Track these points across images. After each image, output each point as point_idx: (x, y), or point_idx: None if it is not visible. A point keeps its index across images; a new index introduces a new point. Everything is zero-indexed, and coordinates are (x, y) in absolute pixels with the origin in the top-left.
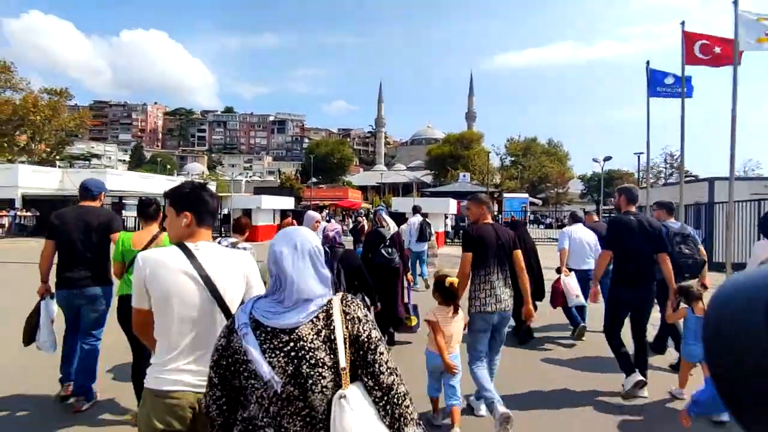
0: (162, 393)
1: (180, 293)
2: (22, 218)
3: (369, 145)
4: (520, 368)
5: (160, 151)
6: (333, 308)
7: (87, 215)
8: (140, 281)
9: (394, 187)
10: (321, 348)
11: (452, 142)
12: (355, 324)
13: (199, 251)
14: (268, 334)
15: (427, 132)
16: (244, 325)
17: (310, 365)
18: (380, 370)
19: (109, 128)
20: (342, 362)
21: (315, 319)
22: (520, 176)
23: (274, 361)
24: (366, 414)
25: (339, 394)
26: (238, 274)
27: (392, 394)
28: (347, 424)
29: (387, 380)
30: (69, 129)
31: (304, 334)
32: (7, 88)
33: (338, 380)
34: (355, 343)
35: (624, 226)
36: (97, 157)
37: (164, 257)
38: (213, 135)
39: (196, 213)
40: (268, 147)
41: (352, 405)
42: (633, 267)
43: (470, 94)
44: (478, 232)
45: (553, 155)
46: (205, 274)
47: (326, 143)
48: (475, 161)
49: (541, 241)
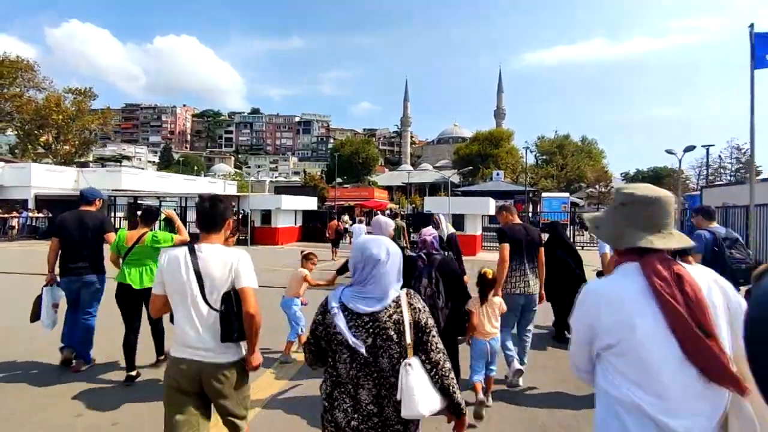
0: (175, 360)
1: (181, 283)
2: (33, 219)
3: (394, 145)
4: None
5: (188, 152)
6: (401, 300)
7: (84, 218)
8: (159, 271)
9: (421, 188)
10: (391, 328)
11: (481, 140)
12: (416, 312)
13: (200, 252)
14: (353, 315)
15: (453, 131)
16: (336, 307)
17: (382, 339)
18: (431, 348)
19: (139, 130)
20: (408, 339)
21: (388, 306)
22: (557, 175)
23: (358, 335)
24: (423, 378)
25: (406, 362)
26: (225, 268)
27: (439, 368)
28: (411, 383)
29: (435, 357)
30: (93, 129)
31: (380, 317)
32: (30, 87)
33: (401, 352)
34: (416, 326)
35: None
36: (128, 159)
37: (177, 254)
38: (240, 136)
39: (198, 224)
40: (293, 148)
41: (414, 370)
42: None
43: (499, 91)
44: (509, 229)
45: (587, 153)
46: (197, 269)
47: (351, 143)
48: (505, 160)
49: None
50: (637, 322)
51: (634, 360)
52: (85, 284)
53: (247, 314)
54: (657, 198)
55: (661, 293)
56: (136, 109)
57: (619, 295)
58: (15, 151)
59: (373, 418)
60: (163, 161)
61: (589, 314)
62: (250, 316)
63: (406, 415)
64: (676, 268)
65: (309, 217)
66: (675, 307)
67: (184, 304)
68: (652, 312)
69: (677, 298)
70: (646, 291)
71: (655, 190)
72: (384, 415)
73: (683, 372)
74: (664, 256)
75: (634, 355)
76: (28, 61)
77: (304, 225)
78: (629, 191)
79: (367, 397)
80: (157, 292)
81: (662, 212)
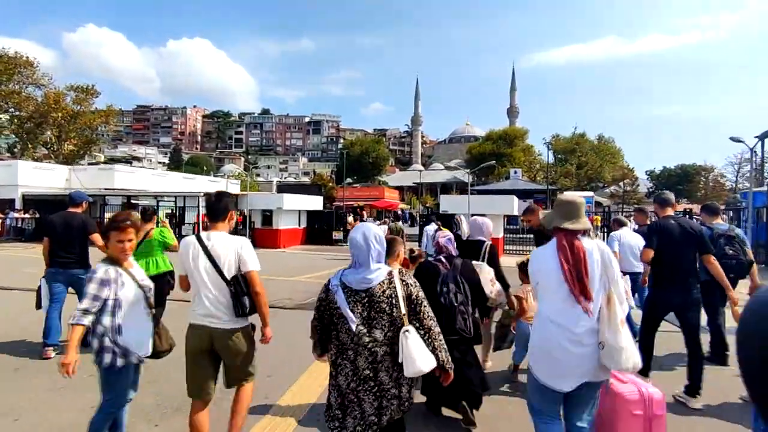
0: (192, 325)
1: (195, 264)
2: (19, 221)
3: (405, 146)
4: None
5: (198, 153)
6: (394, 277)
7: (70, 218)
8: (179, 255)
9: (432, 188)
10: (384, 302)
11: (494, 139)
12: (408, 287)
13: (209, 239)
14: (351, 292)
15: (465, 130)
16: (336, 285)
17: (375, 311)
18: (424, 317)
19: (150, 132)
20: (403, 310)
21: (381, 283)
22: (576, 173)
23: (355, 308)
24: (419, 342)
25: (404, 329)
26: (232, 251)
27: (431, 333)
28: (410, 346)
29: (428, 323)
30: (96, 128)
31: (375, 292)
32: (30, 84)
33: (393, 322)
34: (408, 299)
35: (663, 230)
36: (138, 160)
37: (189, 242)
38: (250, 137)
39: (207, 214)
40: (303, 148)
41: (412, 335)
42: (673, 271)
43: (512, 89)
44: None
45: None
46: (208, 253)
47: (361, 142)
48: (520, 158)
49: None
50: (549, 266)
51: (544, 287)
52: (73, 277)
53: (255, 293)
54: (571, 201)
55: (559, 252)
56: (147, 110)
57: (544, 254)
58: (14, 150)
59: (369, 381)
60: (173, 162)
61: (532, 263)
62: (257, 293)
63: (409, 374)
64: (573, 240)
65: (314, 218)
66: (563, 260)
67: (201, 281)
68: (555, 262)
69: (567, 256)
70: (555, 251)
71: (571, 197)
72: (378, 379)
73: (563, 293)
74: (570, 233)
75: (545, 284)
76: (28, 57)
77: (309, 226)
78: (559, 198)
79: (363, 364)
80: (180, 272)
81: (573, 209)
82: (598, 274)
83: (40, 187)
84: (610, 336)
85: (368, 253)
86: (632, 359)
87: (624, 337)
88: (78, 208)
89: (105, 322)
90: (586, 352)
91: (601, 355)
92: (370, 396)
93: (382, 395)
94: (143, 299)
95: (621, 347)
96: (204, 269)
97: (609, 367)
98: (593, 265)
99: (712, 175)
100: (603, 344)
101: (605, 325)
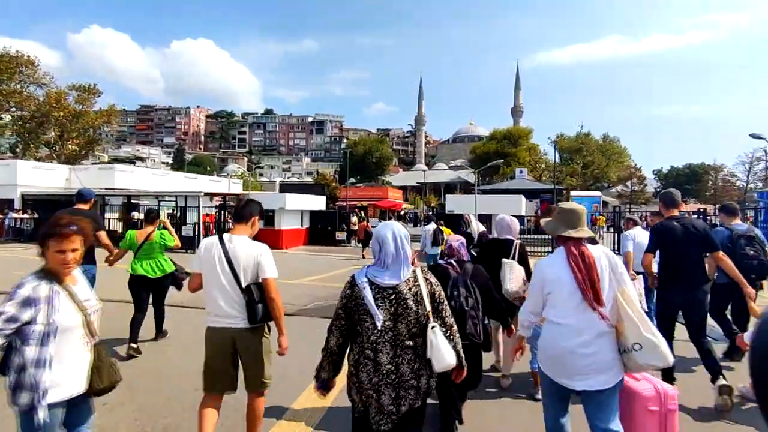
0: (211, 329)
1: (213, 264)
2: (18, 221)
3: (408, 145)
4: None
5: (201, 153)
6: (418, 276)
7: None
8: (197, 255)
9: (436, 187)
10: (410, 299)
11: (499, 138)
12: (431, 286)
13: (230, 242)
14: (379, 288)
15: (469, 129)
16: (364, 282)
17: (402, 308)
18: (445, 315)
19: (154, 132)
20: (428, 307)
21: (407, 281)
22: (582, 173)
23: (382, 305)
24: (444, 338)
25: (431, 325)
26: (250, 256)
27: (452, 330)
28: (439, 342)
29: (449, 321)
30: (98, 127)
31: (401, 289)
32: (31, 83)
33: (418, 318)
34: (431, 297)
35: (666, 232)
36: (142, 160)
37: (208, 243)
38: (253, 137)
39: (232, 216)
40: (306, 148)
41: (437, 331)
42: (677, 271)
43: (516, 88)
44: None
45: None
46: (227, 255)
47: (364, 142)
48: (524, 158)
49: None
50: (561, 275)
51: (555, 295)
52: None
53: (270, 299)
54: (573, 209)
55: (570, 261)
56: (151, 110)
57: (554, 263)
58: (16, 150)
59: (391, 375)
60: (176, 162)
61: (542, 273)
62: (272, 299)
63: (440, 368)
64: (582, 248)
65: (317, 219)
66: (575, 269)
67: (216, 282)
68: (567, 271)
69: (579, 264)
70: (565, 260)
71: (573, 206)
72: (400, 372)
73: (576, 300)
74: (576, 241)
75: (557, 291)
76: (29, 57)
77: (312, 227)
78: (561, 206)
79: (385, 359)
80: (196, 269)
81: (575, 217)
82: (608, 280)
83: (40, 186)
84: (647, 334)
85: (397, 251)
86: (670, 352)
87: (657, 331)
88: (86, 204)
89: (28, 354)
90: (595, 355)
91: (638, 356)
92: (390, 388)
93: (400, 386)
94: (82, 325)
95: (660, 341)
96: (221, 271)
97: (653, 366)
98: (602, 271)
99: (722, 175)
100: (640, 344)
101: (637, 324)
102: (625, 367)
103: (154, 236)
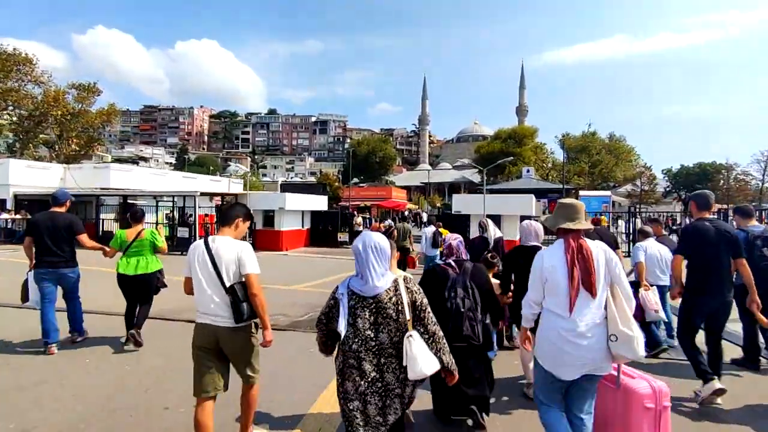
0: (198, 324)
1: (198, 265)
2: (10, 222)
3: (412, 145)
4: None
5: (205, 153)
6: (399, 284)
7: (54, 218)
8: (187, 257)
9: (440, 187)
10: (391, 308)
11: (504, 138)
12: (413, 294)
13: (214, 242)
14: (360, 298)
15: (474, 129)
16: (342, 294)
17: (382, 317)
18: (427, 323)
19: (158, 132)
20: (407, 316)
21: (387, 290)
22: (589, 172)
23: (363, 314)
24: (423, 346)
25: (408, 334)
26: (233, 255)
27: (435, 337)
28: (414, 351)
29: (432, 329)
30: (98, 126)
31: (382, 298)
32: (29, 81)
33: (399, 327)
34: (413, 305)
35: (700, 234)
36: (145, 160)
37: (194, 245)
38: (256, 137)
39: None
40: (310, 148)
41: (415, 340)
42: (711, 275)
43: (521, 87)
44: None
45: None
46: (211, 254)
47: (368, 141)
48: (530, 157)
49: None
50: (556, 265)
51: (552, 285)
52: (63, 276)
53: (252, 294)
54: (572, 204)
55: (567, 253)
56: (155, 110)
57: (553, 253)
58: (14, 150)
59: (376, 383)
60: (180, 162)
61: (540, 263)
62: (254, 295)
63: (413, 377)
64: (580, 241)
65: (319, 219)
66: (572, 260)
67: (202, 282)
68: (563, 262)
69: (575, 256)
70: (563, 251)
71: (571, 201)
72: (385, 380)
73: (572, 290)
74: (575, 234)
75: (555, 281)
76: (26, 54)
77: (313, 227)
78: (560, 202)
79: (369, 367)
80: (186, 274)
81: (573, 211)
82: (603, 274)
83: (34, 186)
84: (624, 327)
85: (366, 262)
86: (642, 347)
87: (636, 326)
88: (62, 207)
89: None
90: (590, 345)
91: (613, 347)
92: (375, 397)
93: (386, 395)
94: None
95: (635, 336)
96: (206, 270)
97: (625, 357)
98: (598, 264)
99: (735, 174)
100: (616, 336)
101: (617, 318)
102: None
103: (145, 233)
